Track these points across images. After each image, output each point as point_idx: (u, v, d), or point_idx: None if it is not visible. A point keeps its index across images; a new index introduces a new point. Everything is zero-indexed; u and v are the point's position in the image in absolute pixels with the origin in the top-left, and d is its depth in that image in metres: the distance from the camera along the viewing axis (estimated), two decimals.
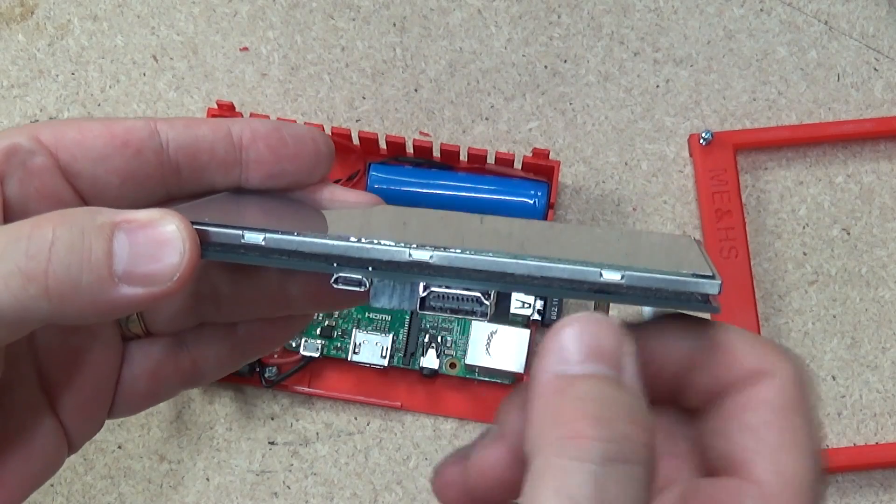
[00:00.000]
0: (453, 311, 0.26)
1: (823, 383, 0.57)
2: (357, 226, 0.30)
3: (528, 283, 0.25)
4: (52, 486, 0.56)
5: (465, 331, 0.56)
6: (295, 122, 0.31)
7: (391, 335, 0.56)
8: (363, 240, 0.25)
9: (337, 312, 0.56)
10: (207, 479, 0.56)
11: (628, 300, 0.25)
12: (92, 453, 0.56)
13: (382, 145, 0.58)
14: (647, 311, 0.37)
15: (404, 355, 0.56)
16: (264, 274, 0.30)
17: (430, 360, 0.56)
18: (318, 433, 0.57)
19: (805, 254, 0.59)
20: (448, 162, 0.59)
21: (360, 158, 0.59)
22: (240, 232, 0.26)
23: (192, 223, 0.26)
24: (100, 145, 0.29)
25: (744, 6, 0.62)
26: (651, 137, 0.60)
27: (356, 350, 0.55)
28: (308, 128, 0.31)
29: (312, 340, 0.56)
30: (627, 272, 0.25)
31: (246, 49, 0.62)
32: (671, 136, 0.60)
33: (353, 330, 0.56)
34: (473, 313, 0.26)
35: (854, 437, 0.56)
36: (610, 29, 0.61)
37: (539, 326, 0.56)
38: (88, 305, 0.25)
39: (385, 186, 0.57)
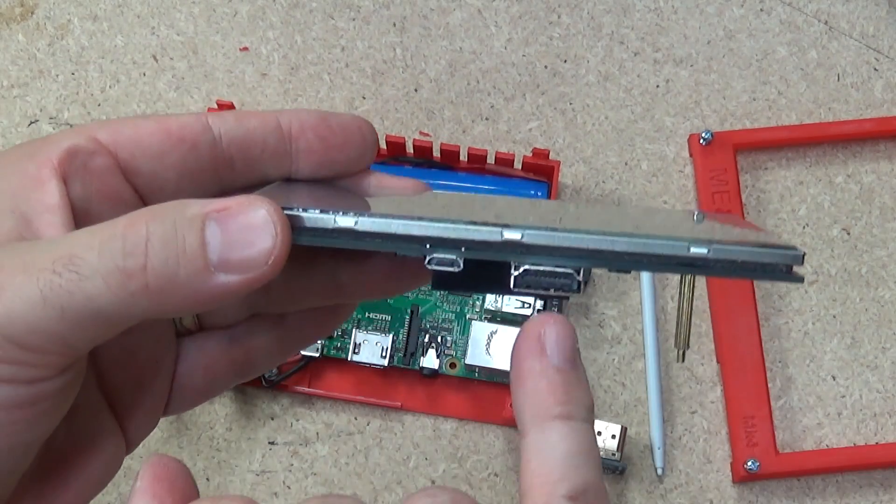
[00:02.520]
0: (545, 288, 0.26)
1: (823, 383, 0.57)
2: (418, 212, 0.30)
3: (618, 259, 0.26)
4: None
5: (465, 331, 0.56)
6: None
7: (391, 335, 0.56)
8: (454, 221, 0.26)
9: None
10: (207, 479, 0.56)
11: (713, 272, 0.26)
12: None
13: (382, 145, 0.58)
14: None
15: (404, 355, 0.56)
16: (315, 262, 0.31)
17: (430, 360, 0.56)
18: (318, 433, 0.57)
19: (805, 254, 0.59)
20: (448, 162, 0.59)
21: None
22: (331, 216, 0.26)
23: (283, 208, 0.26)
24: (156, 142, 0.29)
25: (744, 6, 0.62)
26: (651, 137, 0.60)
27: (356, 350, 0.55)
28: (353, 116, 0.31)
29: None
30: (714, 245, 0.25)
31: (246, 49, 0.62)
32: (671, 136, 0.60)
33: (353, 330, 0.56)
34: (565, 289, 0.26)
35: (854, 437, 0.56)
36: (610, 29, 0.61)
37: None
38: (187, 297, 0.25)
39: None
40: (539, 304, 0.55)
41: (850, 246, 0.59)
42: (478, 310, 0.56)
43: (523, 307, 0.55)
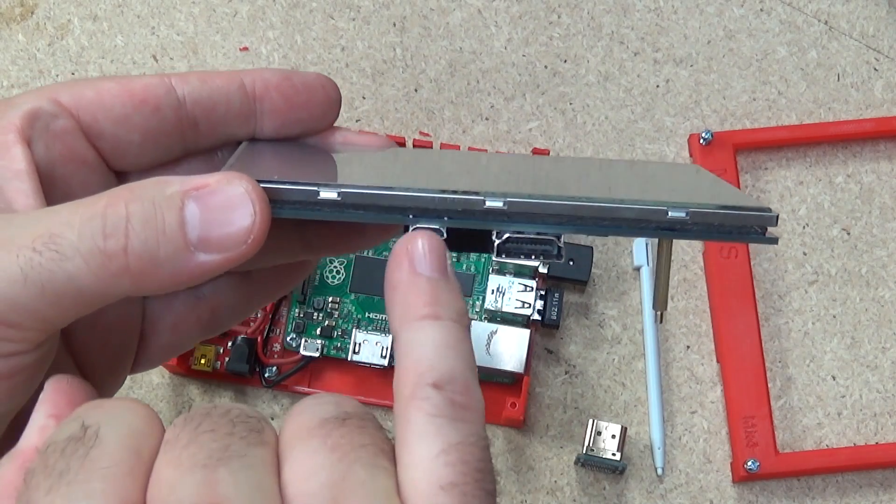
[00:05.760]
0: (527, 255, 0.27)
1: (823, 383, 0.57)
2: (394, 174, 0.31)
3: (598, 224, 0.26)
4: None
5: None
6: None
7: (391, 335, 0.56)
8: (437, 190, 0.26)
9: (337, 312, 0.56)
10: None
11: (690, 236, 0.26)
12: None
13: None
14: None
15: None
16: (284, 221, 0.31)
17: None
18: None
19: (805, 254, 0.59)
20: None
21: None
22: (315, 188, 0.26)
23: (264, 181, 0.26)
24: (119, 105, 0.29)
25: (744, 6, 0.62)
26: (651, 137, 0.60)
27: (356, 350, 0.55)
28: (316, 74, 0.32)
29: (312, 340, 0.56)
30: (691, 209, 0.26)
31: (246, 49, 0.62)
32: (671, 136, 0.60)
33: (353, 330, 0.56)
34: (546, 255, 0.27)
35: (854, 437, 0.56)
36: (610, 29, 0.61)
37: (539, 326, 0.56)
38: (168, 277, 0.25)
39: None
40: (539, 304, 0.55)
41: (850, 246, 0.59)
42: (478, 310, 0.56)
43: (523, 307, 0.55)
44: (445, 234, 0.26)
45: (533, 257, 0.27)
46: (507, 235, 0.26)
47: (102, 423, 0.23)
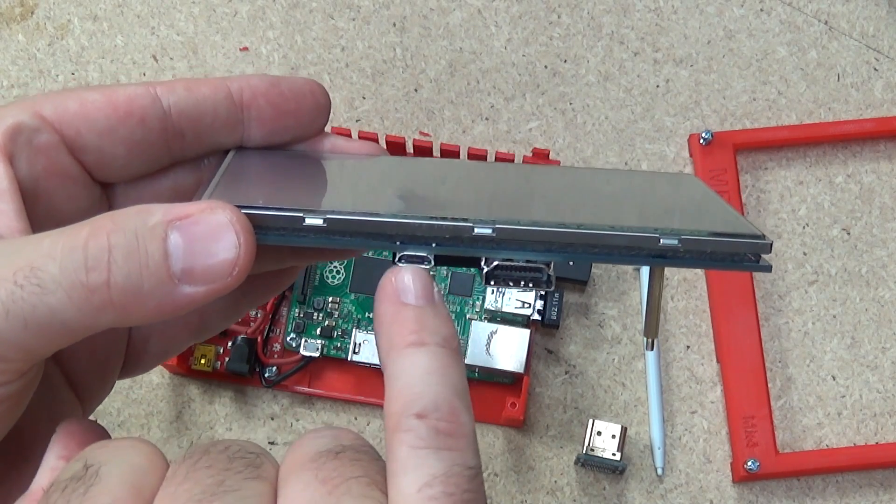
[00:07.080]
0: (516, 282, 0.27)
1: (823, 383, 0.57)
2: (383, 191, 0.30)
3: (588, 252, 0.26)
4: None
5: (464, 331, 0.56)
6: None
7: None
8: (425, 217, 0.26)
9: (337, 312, 0.56)
10: None
11: (682, 263, 0.26)
12: None
13: (382, 145, 0.58)
14: None
15: None
16: None
17: None
18: None
19: (805, 254, 0.59)
20: None
21: None
22: (300, 215, 0.25)
23: (247, 207, 0.25)
24: (103, 117, 0.29)
25: (744, 6, 0.62)
26: (651, 137, 0.60)
27: (356, 350, 0.55)
28: (304, 79, 0.31)
29: (312, 340, 0.56)
30: (684, 236, 0.26)
31: (246, 49, 0.62)
32: (671, 136, 0.60)
33: (353, 330, 0.56)
34: (536, 283, 0.26)
35: (854, 437, 0.56)
36: (610, 29, 0.61)
37: (539, 326, 0.56)
38: (152, 309, 0.25)
39: None
40: (539, 304, 0.55)
41: (850, 246, 0.59)
42: (478, 310, 0.56)
43: (523, 307, 0.55)
44: (433, 261, 0.26)
45: (522, 284, 0.27)
46: (495, 263, 0.26)
47: (104, 461, 0.23)
